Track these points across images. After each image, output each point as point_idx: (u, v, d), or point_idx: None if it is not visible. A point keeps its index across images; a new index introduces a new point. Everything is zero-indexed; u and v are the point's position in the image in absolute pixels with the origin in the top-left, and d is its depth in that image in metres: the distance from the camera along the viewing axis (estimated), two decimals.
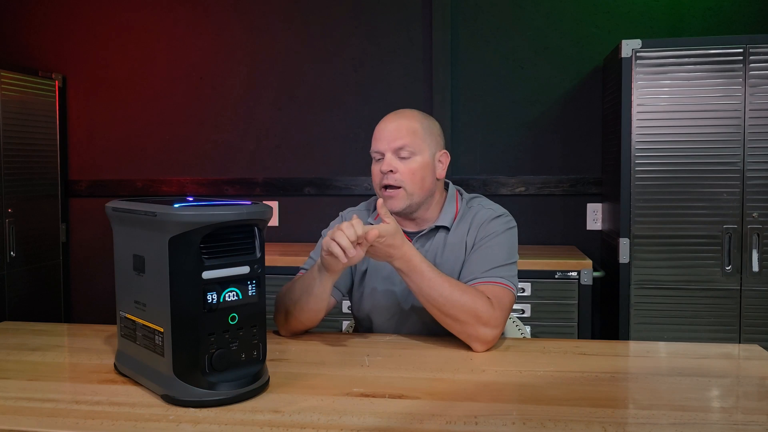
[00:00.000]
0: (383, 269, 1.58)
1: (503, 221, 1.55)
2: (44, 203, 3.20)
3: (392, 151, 1.51)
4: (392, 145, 1.51)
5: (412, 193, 1.52)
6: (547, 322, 2.55)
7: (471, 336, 1.39)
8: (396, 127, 1.52)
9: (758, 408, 1.08)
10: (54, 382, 1.23)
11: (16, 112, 2.98)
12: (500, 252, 1.50)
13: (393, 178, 1.51)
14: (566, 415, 1.03)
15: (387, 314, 1.59)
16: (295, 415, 1.04)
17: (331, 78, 3.20)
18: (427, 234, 1.58)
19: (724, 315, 2.46)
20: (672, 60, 2.45)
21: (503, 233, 1.53)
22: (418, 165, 1.51)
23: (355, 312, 1.65)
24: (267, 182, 3.25)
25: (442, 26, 3.05)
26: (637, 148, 2.49)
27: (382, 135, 1.53)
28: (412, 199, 1.52)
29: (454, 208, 1.60)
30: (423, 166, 1.52)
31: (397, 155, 1.51)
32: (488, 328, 1.38)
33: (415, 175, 1.51)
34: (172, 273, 1.07)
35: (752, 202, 2.43)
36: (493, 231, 1.52)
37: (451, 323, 1.39)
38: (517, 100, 3.07)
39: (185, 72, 3.31)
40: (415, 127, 1.53)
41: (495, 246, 1.50)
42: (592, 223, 3.04)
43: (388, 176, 1.51)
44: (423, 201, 1.55)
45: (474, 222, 1.55)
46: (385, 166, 1.51)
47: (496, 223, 1.54)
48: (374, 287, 1.59)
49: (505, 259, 1.50)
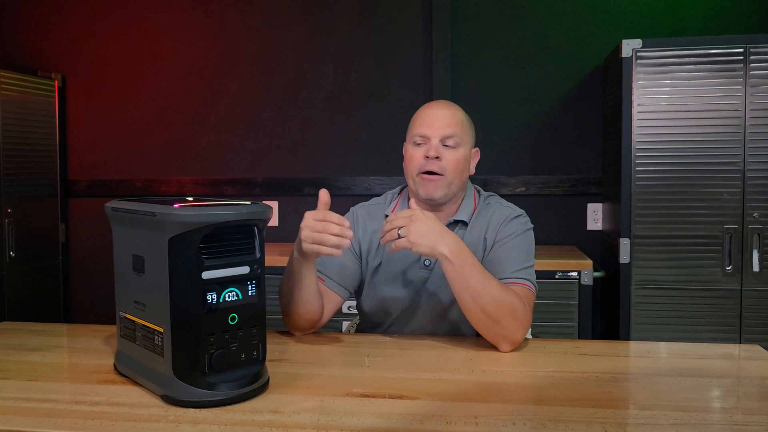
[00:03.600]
0: (395, 266, 1.57)
1: (522, 221, 1.56)
2: (44, 203, 3.20)
3: (440, 138, 1.51)
4: (442, 132, 1.51)
5: (452, 183, 1.52)
6: (548, 322, 2.55)
7: (506, 336, 1.37)
8: (447, 115, 1.53)
9: (759, 408, 1.08)
10: (53, 383, 1.23)
11: (15, 112, 2.98)
12: (522, 253, 1.51)
13: (438, 165, 1.50)
14: (566, 416, 1.03)
15: (395, 312, 1.58)
16: (295, 415, 1.04)
17: (331, 78, 3.19)
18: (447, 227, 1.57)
19: (724, 315, 2.46)
20: (672, 60, 2.45)
21: (523, 233, 1.53)
22: (461, 156, 1.53)
23: (364, 307, 1.64)
24: (267, 182, 3.25)
25: (442, 26, 3.05)
26: (637, 148, 2.48)
27: (432, 120, 1.53)
28: (450, 189, 1.53)
29: (473, 203, 1.60)
30: (465, 158, 1.54)
31: (443, 143, 1.51)
32: (522, 329, 1.38)
33: (458, 166, 1.52)
34: (172, 273, 1.07)
35: (753, 202, 2.43)
36: (514, 231, 1.52)
37: (488, 322, 1.36)
38: (517, 100, 3.07)
39: (185, 72, 3.31)
40: (462, 119, 1.55)
41: (517, 246, 1.51)
42: (593, 223, 3.04)
43: (432, 162, 1.50)
44: (456, 192, 1.56)
45: (493, 220, 1.55)
46: (433, 152, 1.50)
47: (516, 223, 1.54)
48: (384, 284, 1.58)
49: (527, 260, 1.50)
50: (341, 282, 1.57)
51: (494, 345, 1.39)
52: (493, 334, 1.38)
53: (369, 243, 1.61)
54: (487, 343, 1.42)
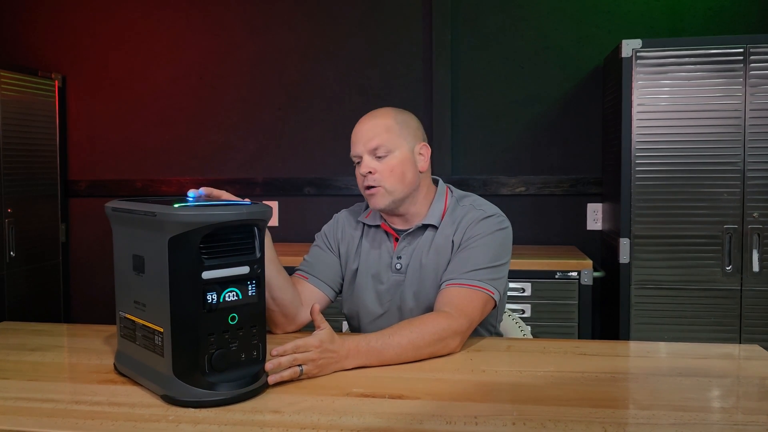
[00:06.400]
0: (372, 268, 1.59)
1: (493, 222, 1.52)
2: (44, 203, 3.20)
3: (369, 152, 1.52)
4: (368, 147, 1.52)
5: (393, 190, 1.52)
6: (548, 322, 2.55)
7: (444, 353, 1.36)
8: (369, 128, 1.54)
9: (758, 408, 1.08)
10: (53, 383, 1.23)
11: (15, 112, 2.98)
12: (484, 254, 1.48)
13: (372, 179, 1.52)
14: (566, 416, 1.03)
15: (374, 313, 1.59)
16: (295, 415, 1.04)
17: (331, 78, 3.19)
18: (413, 233, 1.57)
19: (724, 315, 2.46)
20: (672, 60, 2.45)
21: (491, 234, 1.50)
22: (396, 161, 1.52)
23: (345, 310, 1.67)
24: (267, 182, 3.25)
25: (442, 26, 3.05)
26: (637, 148, 2.48)
27: (357, 138, 1.55)
28: (394, 196, 1.52)
29: (443, 205, 1.58)
30: (402, 162, 1.52)
31: (373, 155, 1.52)
32: (454, 339, 1.36)
33: (393, 173, 1.51)
34: (172, 273, 1.07)
35: (753, 202, 2.42)
36: (480, 232, 1.50)
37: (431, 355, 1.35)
38: (517, 100, 3.07)
39: (185, 72, 3.31)
40: (388, 123, 1.53)
41: (479, 247, 1.48)
42: (593, 223, 3.04)
43: (367, 177, 1.52)
44: (407, 195, 1.54)
45: (462, 222, 1.53)
46: (364, 169, 1.52)
47: (484, 224, 1.51)
48: (363, 286, 1.60)
49: (489, 261, 1.47)
50: (324, 279, 1.61)
51: None
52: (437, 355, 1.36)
53: (347, 247, 1.64)
54: (487, 343, 1.43)
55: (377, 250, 1.60)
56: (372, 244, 1.62)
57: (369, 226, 1.63)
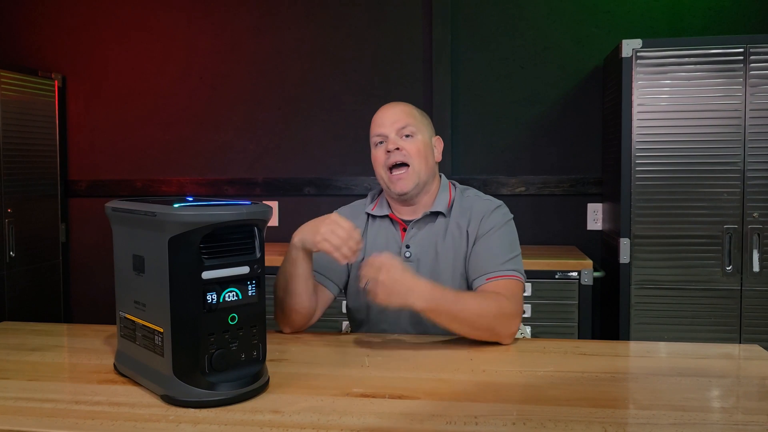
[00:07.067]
0: None
1: (503, 212, 1.59)
2: (44, 203, 3.20)
3: (396, 131, 1.57)
4: (395, 126, 1.57)
5: (419, 171, 1.56)
6: (548, 322, 2.55)
7: (500, 334, 1.42)
8: (396, 111, 1.60)
9: (758, 408, 1.08)
10: (54, 383, 1.23)
11: (15, 112, 2.98)
12: (506, 244, 1.54)
13: (401, 155, 1.55)
14: (566, 415, 1.03)
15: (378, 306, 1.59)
16: (295, 415, 1.04)
17: (331, 78, 3.19)
18: (424, 219, 1.60)
19: (724, 315, 2.46)
20: (672, 60, 2.45)
21: (506, 224, 1.57)
22: (421, 144, 1.57)
23: (350, 304, 1.67)
24: (267, 182, 3.25)
25: (442, 26, 3.05)
26: (637, 148, 2.48)
27: (383, 120, 1.59)
28: (420, 177, 1.56)
29: (448, 195, 1.63)
30: (425, 145, 1.59)
31: (401, 135, 1.57)
32: (513, 322, 1.43)
33: (420, 152, 1.56)
34: (172, 273, 1.07)
35: (753, 202, 2.42)
36: (496, 223, 1.55)
37: (482, 333, 1.42)
38: (517, 100, 3.07)
39: (185, 72, 3.31)
40: (412, 111, 1.61)
41: (500, 238, 1.54)
42: (593, 223, 3.04)
43: (395, 154, 1.55)
44: (427, 181, 1.59)
45: (474, 213, 1.58)
46: (391, 145, 1.55)
47: (497, 215, 1.57)
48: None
49: (512, 250, 1.54)
50: (330, 276, 1.62)
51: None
52: (491, 337, 1.43)
53: None
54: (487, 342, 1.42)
55: (383, 241, 1.62)
56: (377, 235, 1.64)
57: (374, 218, 1.65)
